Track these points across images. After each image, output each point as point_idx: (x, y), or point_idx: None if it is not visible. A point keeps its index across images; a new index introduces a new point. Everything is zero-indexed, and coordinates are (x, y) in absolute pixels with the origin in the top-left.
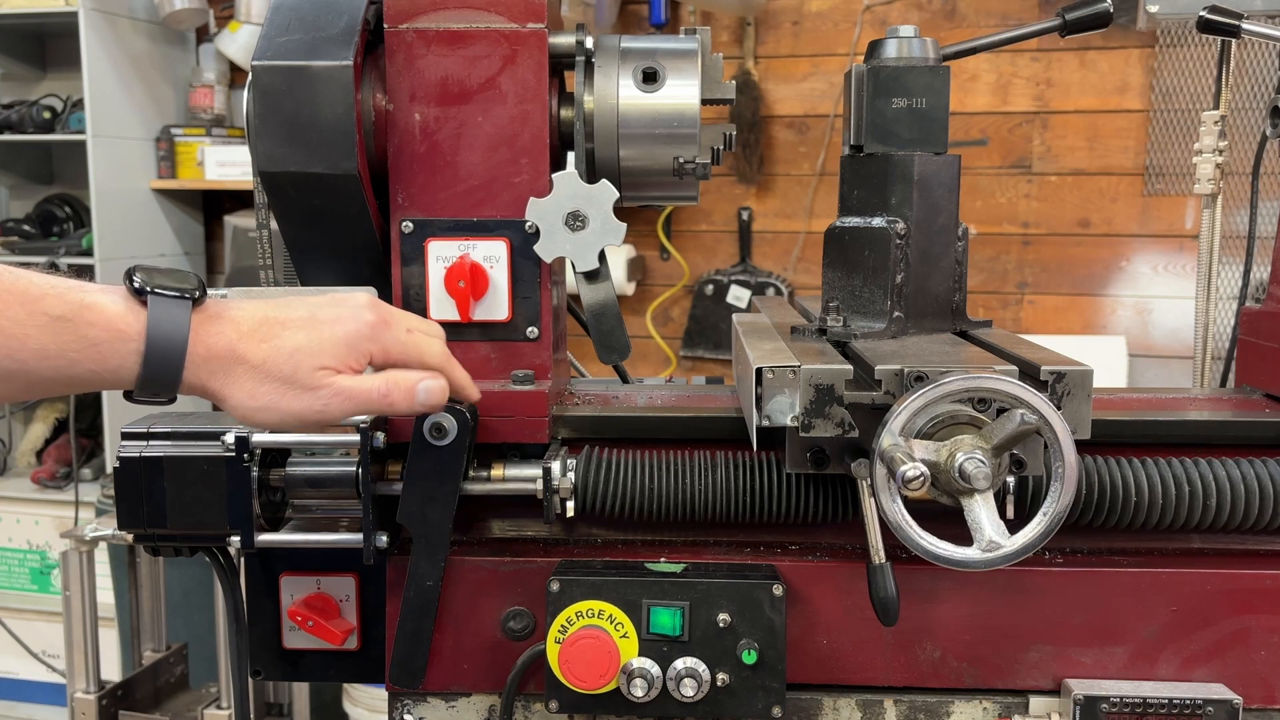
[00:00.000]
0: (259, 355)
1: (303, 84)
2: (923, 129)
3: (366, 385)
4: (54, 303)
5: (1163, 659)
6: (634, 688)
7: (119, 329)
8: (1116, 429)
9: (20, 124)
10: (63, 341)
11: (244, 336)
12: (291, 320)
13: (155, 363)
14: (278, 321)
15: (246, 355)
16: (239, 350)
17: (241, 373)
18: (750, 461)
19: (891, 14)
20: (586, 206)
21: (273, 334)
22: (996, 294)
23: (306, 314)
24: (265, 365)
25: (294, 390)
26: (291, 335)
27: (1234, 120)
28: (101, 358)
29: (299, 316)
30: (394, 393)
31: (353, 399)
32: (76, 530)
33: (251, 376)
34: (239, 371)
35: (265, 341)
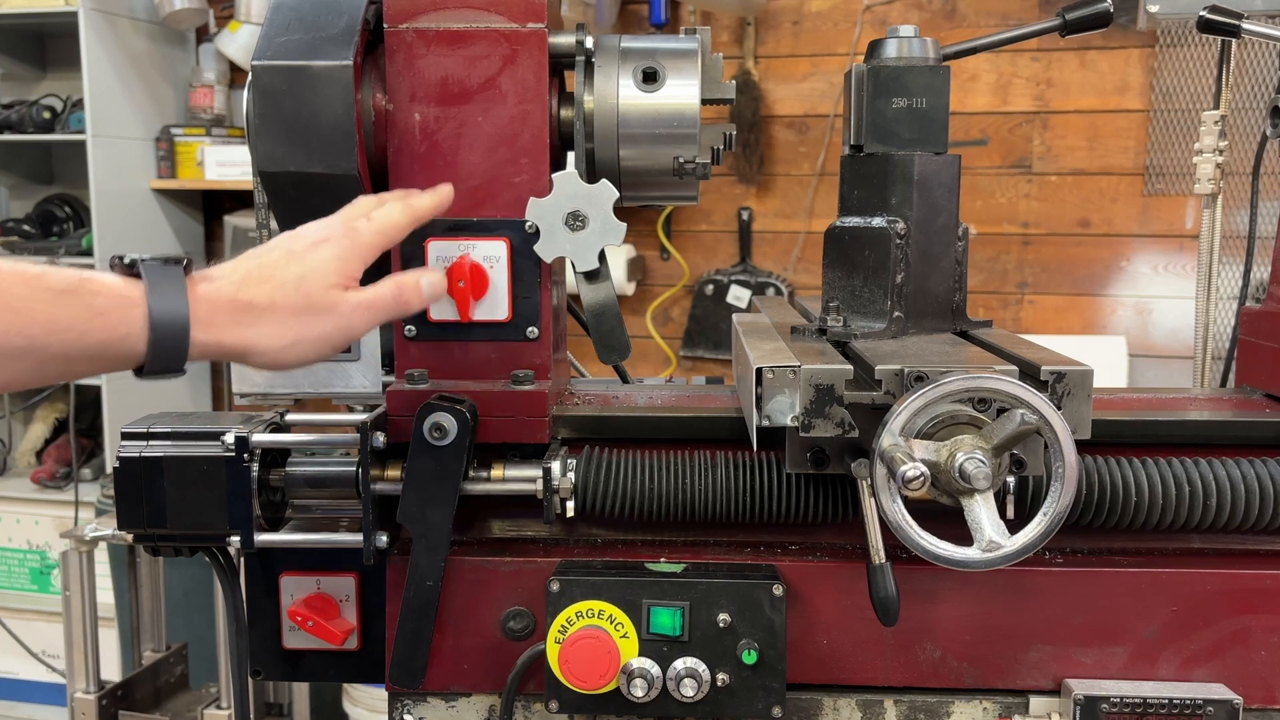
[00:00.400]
0: (265, 295)
1: (303, 84)
2: (923, 129)
3: (379, 292)
4: (55, 278)
5: (1163, 659)
6: (634, 688)
7: (123, 295)
8: (1116, 429)
9: (20, 124)
10: (71, 313)
11: (240, 285)
12: (275, 259)
13: (161, 323)
14: (264, 264)
15: (253, 299)
16: (241, 298)
17: (255, 317)
18: (750, 461)
19: (891, 14)
20: (586, 206)
21: (266, 274)
22: (996, 294)
23: (284, 249)
24: (275, 302)
25: (315, 316)
26: (285, 268)
27: (1234, 120)
28: (110, 325)
29: (279, 254)
30: (404, 293)
31: (372, 309)
32: (76, 530)
33: (268, 318)
34: (251, 317)
35: (264, 282)
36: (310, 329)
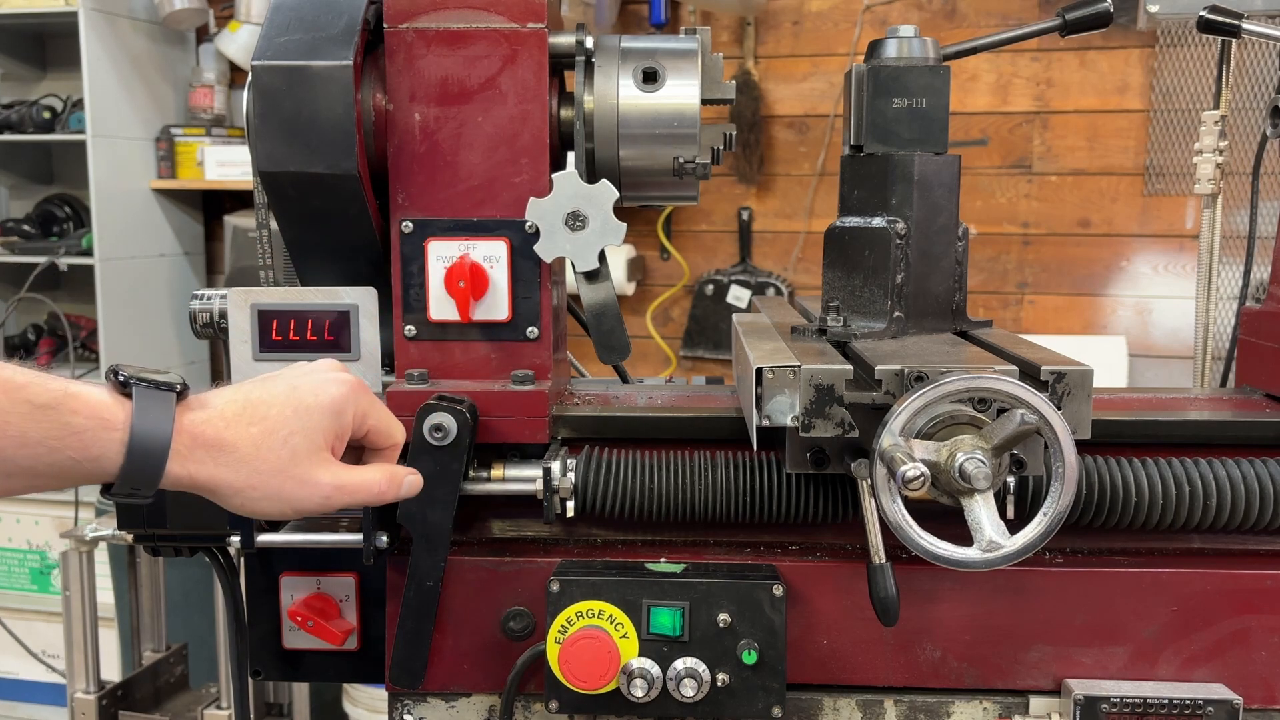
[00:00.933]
0: (249, 441)
1: (303, 84)
2: (923, 129)
3: (365, 480)
4: (37, 391)
5: (1163, 659)
6: (634, 688)
7: (103, 417)
8: (1116, 429)
9: (20, 124)
10: (44, 429)
11: (230, 423)
12: (275, 398)
13: (139, 451)
14: (262, 402)
15: (237, 443)
16: (227, 438)
17: (234, 460)
18: (750, 461)
19: (891, 14)
20: (586, 206)
21: (260, 416)
22: (996, 294)
23: (287, 386)
24: (259, 453)
25: (293, 481)
26: (279, 415)
27: (1234, 120)
28: (83, 445)
29: (280, 392)
30: (392, 488)
31: (354, 494)
32: (76, 530)
33: (246, 465)
34: (230, 460)
35: (254, 424)
36: (284, 491)
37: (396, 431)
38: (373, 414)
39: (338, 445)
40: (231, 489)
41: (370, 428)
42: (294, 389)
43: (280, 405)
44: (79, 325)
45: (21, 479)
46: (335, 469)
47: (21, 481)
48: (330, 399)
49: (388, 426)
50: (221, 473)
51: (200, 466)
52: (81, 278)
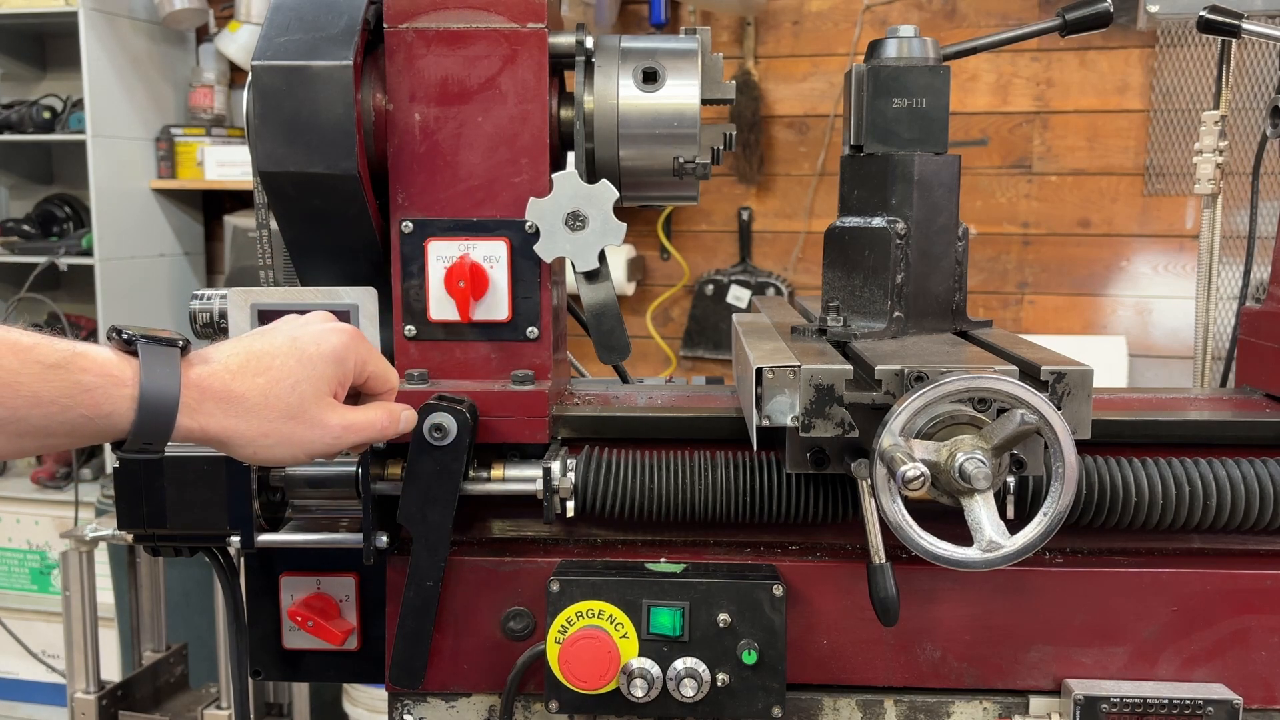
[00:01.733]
0: (257, 391)
1: (303, 84)
2: (923, 129)
3: (370, 418)
4: (46, 351)
5: (1163, 659)
6: (634, 688)
7: (112, 374)
8: (1116, 429)
9: (20, 124)
10: (56, 388)
11: (236, 374)
12: (278, 349)
13: (150, 406)
14: (265, 354)
15: (245, 393)
16: (235, 389)
17: (243, 410)
18: (750, 461)
19: (891, 14)
20: (586, 206)
21: (265, 366)
22: (996, 294)
23: (287, 338)
24: (268, 401)
25: (303, 426)
26: (284, 365)
27: (1234, 120)
28: (94, 403)
29: (282, 343)
30: (391, 426)
31: (360, 433)
32: (76, 530)
33: (257, 414)
34: (240, 410)
35: (260, 375)
36: (295, 435)
37: (392, 377)
38: (371, 360)
39: (340, 392)
40: (244, 438)
41: (370, 374)
42: (294, 339)
43: (284, 356)
44: (79, 325)
45: (35, 439)
46: (341, 411)
47: (35, 442)
48: (332, 348)
49: (384, 372)
50: (232, 423)
51: (210, 419)
52: (81, 278)
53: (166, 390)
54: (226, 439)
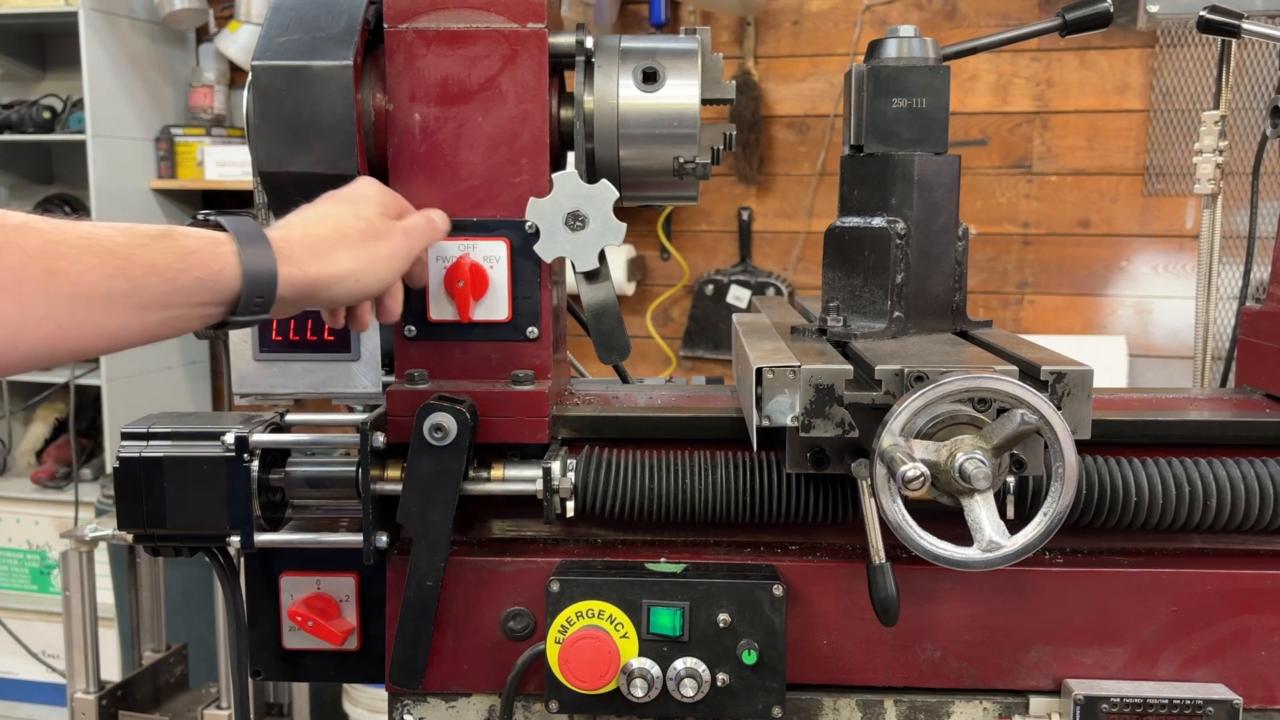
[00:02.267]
0: (330, 229)
1: (303, 84)
2: (923, 129)
3: (416, 221)
4: (146, 227)
5: (1163, 659)
6: (634, 688)
7: (210, 236)
8: (1116, 429)
9: (20, 124)
10: (166, 254)
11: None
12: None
13: (253, 258)
14: (317, 210)
15: (323, 234)
16: (312, 233)
17: (329, 248)
18: (750, 461)
19: (891, 14)
20: (586, 206)
21: (322, 215)
22: (996, 294)
23: (324, 197)
24: (343, 233)
25: (377, 240)
26: (337, 209)
27: (1234, 120)
28: (203, 263)
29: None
30: (433, 222)
31: (417, 233)
32: (76, 530)
33: (340, 248)
34: (325, 248)
35: (322, 222)
36: (378, 250)
37: None
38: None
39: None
40: (341, 271)
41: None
42: (330, 196)
43: (332, 202)
44: None
45: (156, 310)
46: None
47: (156, 314)
48: (364, 183)
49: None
50: (325, 262)
51: (307, 263)
52: None
53: (260, 243)
54: (327, 279)
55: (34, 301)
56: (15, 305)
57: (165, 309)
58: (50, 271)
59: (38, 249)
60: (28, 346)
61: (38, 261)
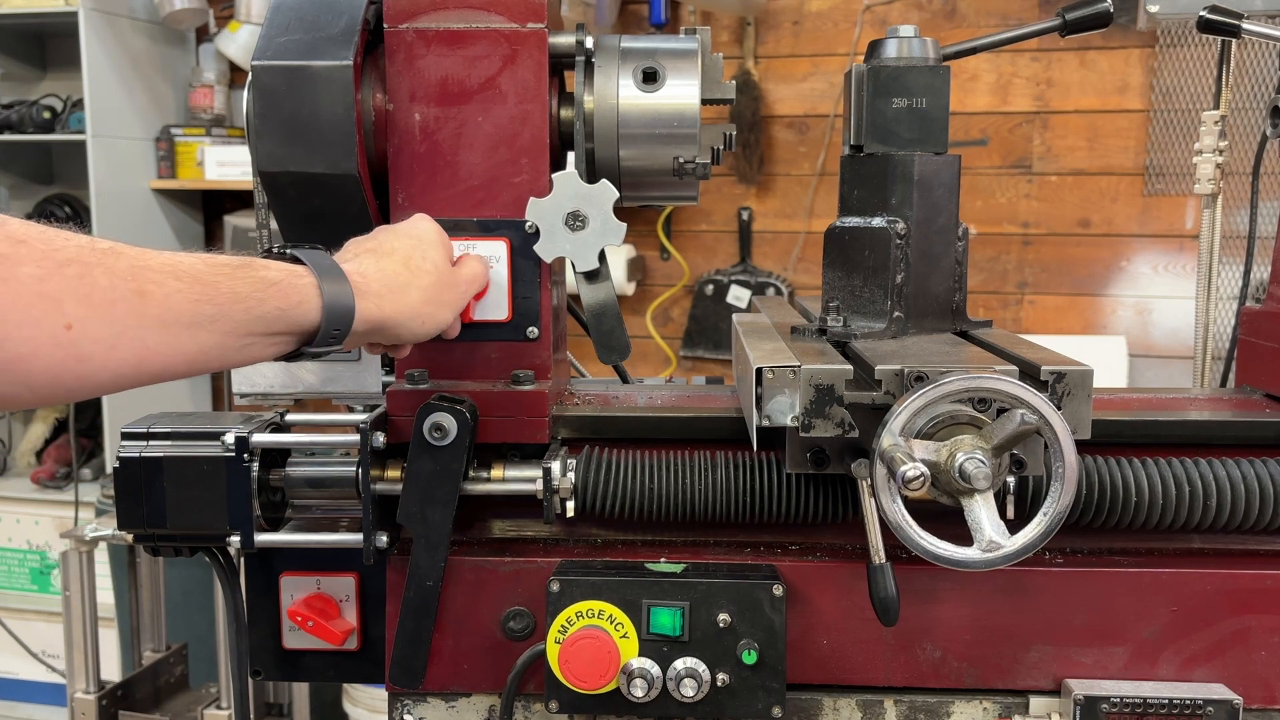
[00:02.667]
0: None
1: (303, 84)
2: (923, 129)
3: (474, 270)
4: (227, 257)
5: (1163, 659)
6: (634, 688)
7: (289, 269)
8: (1116, 429)
9: (20, 124)
10: (247, 284)
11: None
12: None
13: (332, 290)
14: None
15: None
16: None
17: (398, 288)
18: (750, 461)
19: (891, 14)
20: (586, 206)
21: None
22: (996, 294)
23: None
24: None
25: (445, 287)
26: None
27: (1234, 120)
28: (284, 293)
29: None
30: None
31: (476, 282)
32: (76, 530)
33: (410, 289)
34: (396, 287)
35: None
36: (445, 296)
37: None
38: None
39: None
40: (410, 312)
41: None
42: (393, 231)
43: (398, 239)
44: None
45: (238, 337)
46: (459, 270)
47: (236, 341)
48: (426, 223)
49: None
50: (399, 301)
51: (382, 300)
52: None
53: (338, 276)
54: (397, 318)
55: (125, 321)
56: (108, 325)
57: (247, 336)
58: (140, 293)
59: (126, 271)
60: (117, 366)
61: (127, 282)
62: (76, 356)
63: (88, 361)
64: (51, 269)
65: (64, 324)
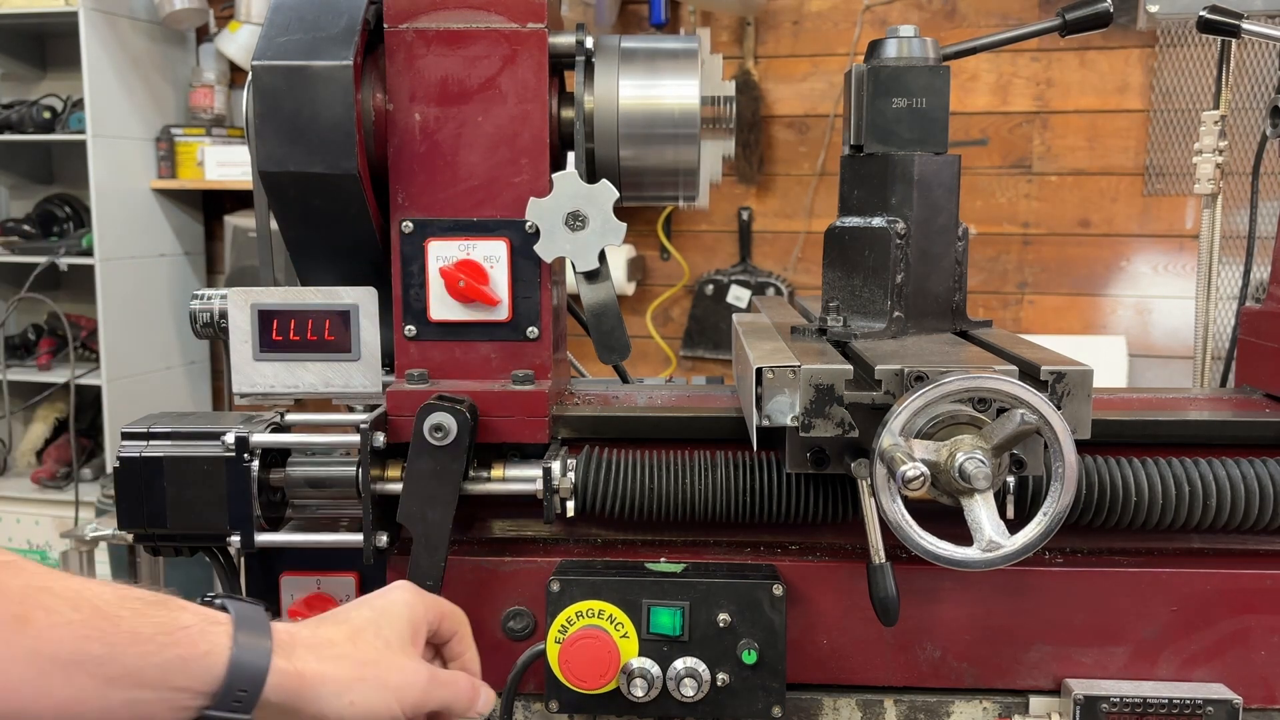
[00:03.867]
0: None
1: (303, 84)
2: (923, 129)
3: (456, 678)
4: (143, 592)
5: (1163, 659)
6: (634, 688)
7: (208, 615)
8: (1116, 429)
9: (20, 124)
10: (155, 624)
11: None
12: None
13: (245, 643)
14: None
15: (333, 638)
16: (322, 634)
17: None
18: (750, 461)
19: (891, 14)
20: (586, 206)
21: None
22: (996, 294)
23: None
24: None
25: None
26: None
27: (1234, 120)
28: (192, 640)
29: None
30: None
31: (445, 688)
32: (76, 530)
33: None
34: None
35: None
36: (390, 678)
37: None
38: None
39: (419, 639)
40: (339, 683)
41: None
42: (363, 600)
43: (358, 609)
44: (79, 325)
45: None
46: (426, 664)
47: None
48: (399, 595)
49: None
50: (327, 667)
51: (305, 662)
52: (81, 278)
53: (260, 628)
54: (320, 685)
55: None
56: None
57: (134, 688)
58: (21, 618)
59: (18, 591)
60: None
61: (12, 604)
62: None
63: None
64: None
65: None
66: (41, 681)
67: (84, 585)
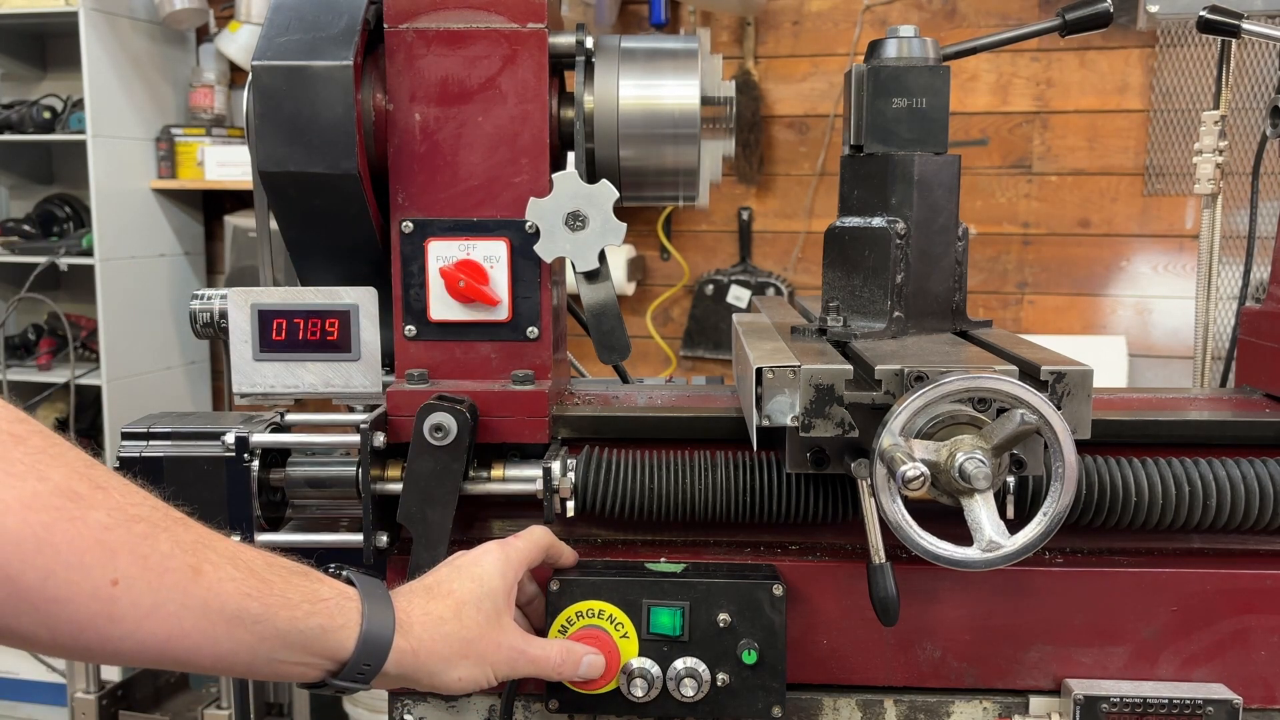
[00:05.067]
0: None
1: (303, 84)
2: (923, 129)
3: (548, 650)
4: (285, 560)
5: (1163, 659)
6: (634, 688)
7: (343, 589)
8: (1116, 429)
9: (20, 124)
10: (301, 592)
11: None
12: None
13: (375, 618)
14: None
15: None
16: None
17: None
18: (750, 461)
19: (891, 14)
20: (586, 206)
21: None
22: (996, 294)
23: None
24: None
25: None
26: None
27: (1234, 120)
28: (329, 612)
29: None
30: (566, 666)
31: (533, 662)
32: None
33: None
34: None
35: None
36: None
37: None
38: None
39: (511, 599)
40: (447, 660)
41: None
42: (462, 566)
43: (460, 580)
44: (79, 325)
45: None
46: (518, 633)
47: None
48: (494, 565)
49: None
50: (439, 646)
51: (419, 640)
52: (81, 278)
53: (385, 606)
54: (432, 661)
55: (170, 594)
56: (152, 592)
57: (280, 649)
58: (195, 569)
59: (190, 543)
60: (145, 637)
61: (187, 555)
62: (110, 616)
63: (119, 624)
64: (120, 520)
65: (110, 578)
66: (211, 630)
67: (237, 546)
